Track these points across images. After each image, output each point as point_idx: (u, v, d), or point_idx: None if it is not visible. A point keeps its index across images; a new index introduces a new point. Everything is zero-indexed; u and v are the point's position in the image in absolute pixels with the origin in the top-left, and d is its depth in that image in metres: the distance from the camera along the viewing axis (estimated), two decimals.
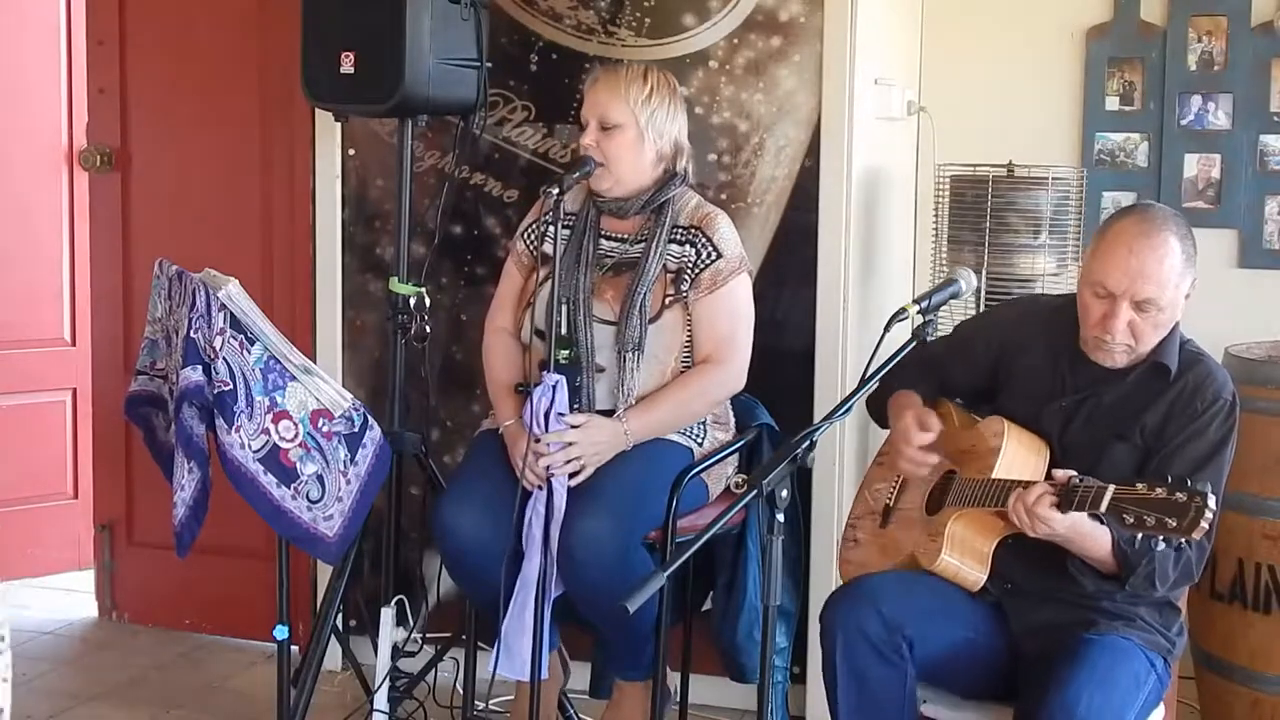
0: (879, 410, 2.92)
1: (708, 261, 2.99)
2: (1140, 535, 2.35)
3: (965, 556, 2.59)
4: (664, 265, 3.00)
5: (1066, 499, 2.37)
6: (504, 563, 2.88)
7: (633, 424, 2.96)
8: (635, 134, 3.01)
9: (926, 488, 2.77)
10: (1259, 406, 3.17)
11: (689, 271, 2.99)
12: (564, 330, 2.97)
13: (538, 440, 2.90)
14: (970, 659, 2.63)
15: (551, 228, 3.05)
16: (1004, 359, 2.76)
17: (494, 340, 3.17)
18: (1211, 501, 2.21)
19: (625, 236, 3.07)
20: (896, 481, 2.89)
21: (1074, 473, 2.41)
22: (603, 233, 3.08)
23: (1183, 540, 2.32)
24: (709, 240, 3.00)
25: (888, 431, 2.97)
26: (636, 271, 2.99)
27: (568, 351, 2.97)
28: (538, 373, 2.98)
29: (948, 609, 2.60)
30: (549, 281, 3.02)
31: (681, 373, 3.02)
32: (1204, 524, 2.20)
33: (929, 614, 2.57)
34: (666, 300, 2.99)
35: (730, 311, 3.02)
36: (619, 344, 2.96)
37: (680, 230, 3.02)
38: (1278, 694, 3.31)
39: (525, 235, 3.18)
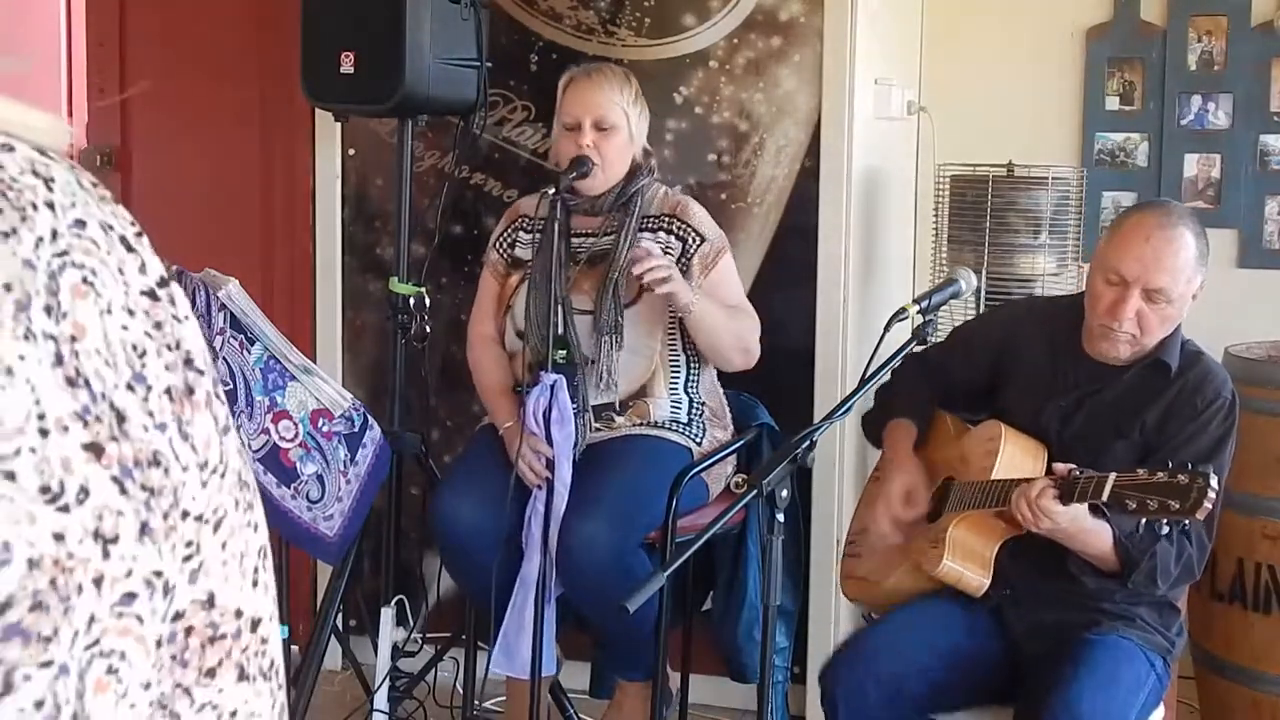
0: (875, 431, 2.92)
1: (694, 247, 3.01)
2: (1144, 521, 2.35)
3: (967, 561, 2.59)
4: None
5: (1068, 490, 2.37)
6: (497, 561, 2.88)
7: (702, 295, 2.97)
8: (627, 135, 3.04)
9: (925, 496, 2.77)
10: (1259, 406, 3.17)
11: (675, 261, 3.01)
12: (559, 330, 2.98)
13: (544, 441, 2.91)
14: (970, 676, 2.63)
15: (523, 233, 3.12)
16: (1004, 358, 2.77)
17: (480, 347, 3.19)
18: (1214, 481, 2.21)
19: (593, 231, 3.09)
20: None
21: (1073, 466, 2.42)
22: (573, 230, 3.10)
23: (1186, 523, 2.32)
24: (687, 225, 3.03)
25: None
26: (609, 260, 3.01)
27: (564, 351, 2.98)
28: (527, 374, 2.99)
29: (945, 640, 2.61)
30: (525, 284, 3.04)
31: (671, 366, 3.05)
32: (1207, 504, 2.21)
33: (927, 657, 2.57)
34: (644, 284, 3.01)
35: (731, 284, 3.09)
36: (596, 330, 2.98)
37: (651, 219, 3.05)
38: (1278, 694, 3.31)
39: (497, 244, 3.20)
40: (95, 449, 0.57)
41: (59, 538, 0.55)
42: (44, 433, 0.56)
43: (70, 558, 0.56)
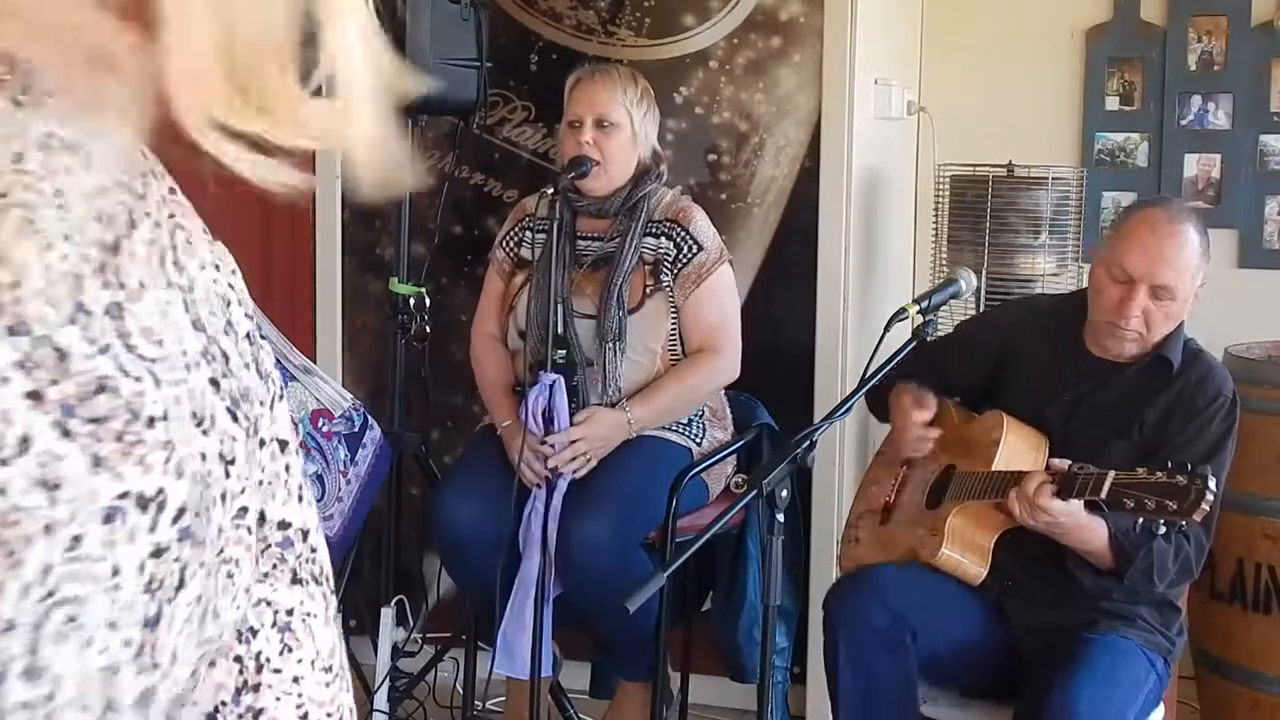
0: (879, 405, 2.92)
1: (689, 256, 3.01)
2: (1140, 520, 2.35)
3: (966, 550, 2.59)
4: (640, 257, 3.02)
5: (1066, 486, 2.38)
6: (501, 561, 2.89)
7: (636, 412, 2.97)
8: (630, 134, 3.03)
9: (926, 483, 2.78)
10: (1259, 406, 3.17)
11: (669, 266, 3.01)
12: (559, 330, 2.98)
13: (543, 442, 2.91)
14: (971, 656, 2.63)
15: (529, 232, 3.12)
16: (1004, 357, 2.77)
17: (482, 345, 3.19)
18: (1211, 483, 2.22)
19: (600, 235, 3.09)
20: (896, 479, 2.89)
21: (1071, 461, 2.42)
22: (579, 233, 3.10)
23: (1183, 524, 2.32)
24: (687, 233, 3.02)
25: (887, 429, 2.97)
26: (613, 264, 3.01)
27: (564, 351, 2.98)
28: (528, 373, 3.00)
29: (949, 604, 2.61)
30: (529, 284, 3.04)
31: (673, 364, 3.04)
32: (1204, 505, 2.21)
33: (932, 607, 2.57)
34: (647, 290, 3.01)
35: (718, 302, 3.06)
36: (599, 335, 2.98)
37: (655, 224, 3.05)
38: (1278, 694, 3.31)
39: (504, 243, 3.21)
40: (215, 383, 0.63)
41: (203, 456, 0.60)
42: (187, 367, 0.61)
43: (209, 474, 0.61)
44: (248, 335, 0.68)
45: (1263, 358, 3.36)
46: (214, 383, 0.63)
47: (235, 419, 0.64)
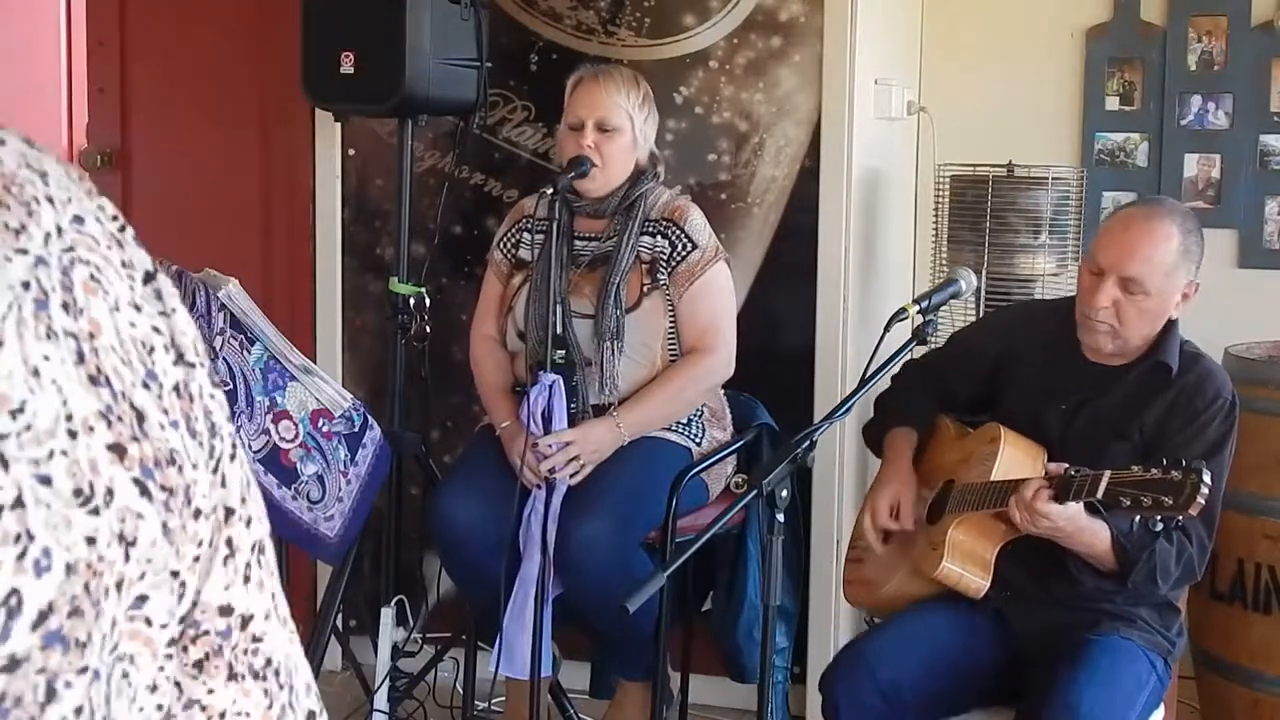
0: (875, 440, 2.91)
1: (683, 254, 3.01)
2: (1138, 519, 2.35)
3: (967, 563, 2.58)
4: (637, 255, 3.02)
5: (1064, 489, 2.37)
6: (503, 561, 2.89)
7: (625, 419, 2.97)
8: (630, 138, 3.03)
9: (926, 500, 2.77)
10: (1259, 406, 3.17)
11: (664, 264, 3.01)
12: (558, 330, 2.99)
13: (535, 446, 2.91)
14: (972, 681, 2.63)
15: (527, 234, 3.12)
16: (1002, 363, 2.76)
17: (481, 347, 3.19)
18: (1207, 476, 2.21)
19: (597, 235, 3.09)
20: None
21: (1067, 465, 2.42)
22: (576, 233, 3.10)
23: (1180, 519, 2.32)
24: (681, 231, 3.02)
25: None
26: (610, 263, 3.01)
27: (563, 352, 2.98)
28: (528, 374, 3.00)
29: (946, 647, 2.60)
30: (527, 285, 3.04)
31: (671, 362, 3.04)
32: (1200, 499, 2.21)
33: (926, 664, 2.57)
34: (644, 288, 3.01)
35: (710, 301, 3.05)
36: (597, 335, 2.98)
37: (651, 223, 3.05)
38: (1278, 694, 3.31)
39: (501, 244, 3.20)
40: (119, 449, 0.55)
41: (91, 541, 0.53)
42: (72, 434, 0.53)
43: (100, 560, 0.53)
44: (176, 388, 0.59)
45: (1263, 358, 3.36)
46: (116, 449, 0.55)
47: (145, 492, 0.56)
